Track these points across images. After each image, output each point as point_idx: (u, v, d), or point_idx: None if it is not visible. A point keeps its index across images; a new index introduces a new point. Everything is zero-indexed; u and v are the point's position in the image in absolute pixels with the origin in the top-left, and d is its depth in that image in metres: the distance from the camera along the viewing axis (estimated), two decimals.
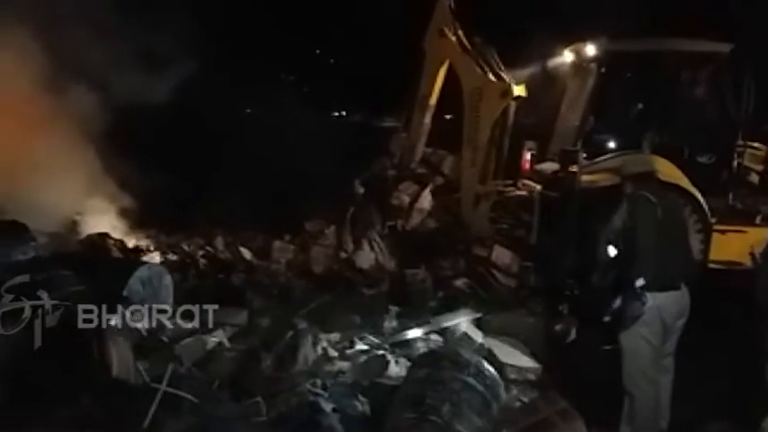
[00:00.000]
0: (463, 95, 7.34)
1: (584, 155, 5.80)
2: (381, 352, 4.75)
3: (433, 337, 5.08)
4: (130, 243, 7.34)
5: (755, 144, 6.65)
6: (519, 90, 6.86)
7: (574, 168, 5.57)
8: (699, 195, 5.88)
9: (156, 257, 6.93)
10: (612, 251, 3.81)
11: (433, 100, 8.04)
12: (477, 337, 5.00)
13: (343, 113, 20.19)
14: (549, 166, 6.59)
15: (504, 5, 13.54)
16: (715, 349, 4.70)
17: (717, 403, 4.20)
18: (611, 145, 6.39)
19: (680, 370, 3.96)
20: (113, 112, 7.82)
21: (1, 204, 6.59)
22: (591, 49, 6.52)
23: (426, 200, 7.76)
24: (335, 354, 4.76)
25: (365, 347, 4.89)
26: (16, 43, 7.02)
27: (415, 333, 5.06)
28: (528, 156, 7.11)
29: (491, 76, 7.11)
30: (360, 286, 6.44)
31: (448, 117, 7.61)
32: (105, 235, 6.98)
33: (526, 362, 4.73)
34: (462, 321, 5.17)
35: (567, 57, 6.92)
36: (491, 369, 3.77)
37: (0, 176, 6.82)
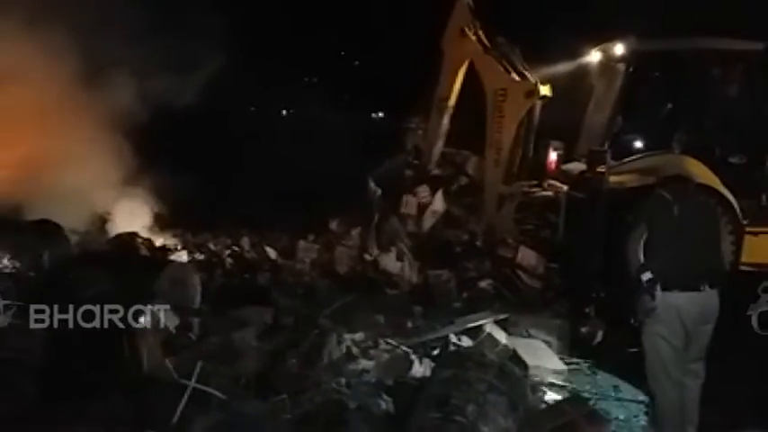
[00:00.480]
0: (486, 96, 7.31)
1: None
2: (405, 351, 4.75)
3: (456, 338, 5.07)
4: (158, 242, 7.46)
5: None
6: (545, 90, 6.81)
7: (601, 169, 5.50)
8: (730, 196, 5.77)
9: (183, 257, 7.03)
10: (635, 252, 3.79)
11: (452, 101, 8.00)
12: (502, 338, 4.97)
13: (381, 115, 20.24)
14: (576, 167, 6.54)
15: (528, 4, 13.45)
16: (746, 353, 4.62)
17: (749, 409, 4.11)
18: (640, 145, 6.31)
19: (710, 374, 3.88)
20: (141, 113, 7.96)
21: (32, 203, 6.76)
22: (619, 49, 6.45)
23: (439, 202, 7.73)
24: (359, 353, 4.77)
25: (389, 347, 4.89)
26: (48, 43, 7.18)
27: (438, 334, 5.05)
28: (554, 156, 7.04)
29: (515, 76, 7.07)
30: (383, 286, 6.46)
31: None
32: (134, 234, 7.11)
33: (552, 364, 4.68)
34: (487, 322, 5.14)
35: (595, 56, 6.85)
36: (516, 370, 3.75)
37: (29, 175, 7.00)
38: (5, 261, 5.23)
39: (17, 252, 5.30)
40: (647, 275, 3.68)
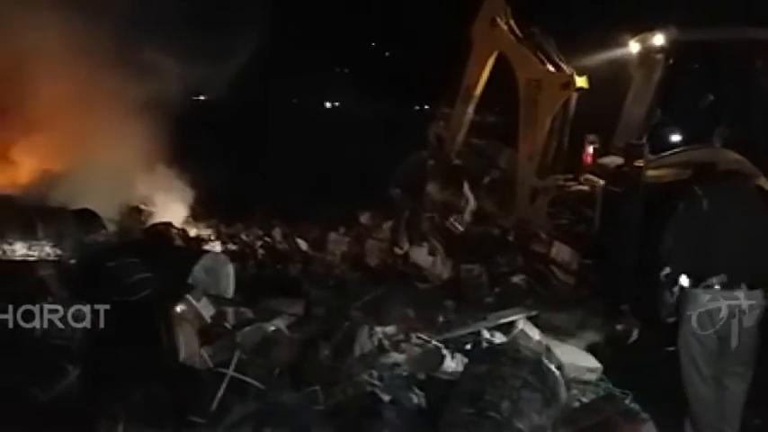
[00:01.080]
0: (519, 87, 7.20)
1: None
2: (436, 345, 4.73)
3: (488, 333, 5.03)
4: (192, 233, 7.58)
5: None
6: (581, 81, 6.69)
7: (639, 163, 5.38)
8: None
9: (216, 247, 7.14)
10: (669, 248, 3.70)
11: (478, 91, 7.90)
12: (535, 334, 4.91)
13: (425, 107, 20.08)
14: (613, 161, 6.40)
15: None
16: None
17: None
18: (679, 139, 6.15)
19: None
20: (177, 104, 8.07)
21: (69, 194, 6.92)
22: (658, 39, 6.28)
23: (471, 197, 7.67)
24: (391, 346, 4.78)
25: (420, 341, 4.88)
26: (82, 32, 7.31)
27: (470, 329, 5.02)
28: (590, 149, 6.91)
29: (550, 67, 6.95)
30: (414, 280, 6.45)
31: None
32: (169, 224, 7.23)
33: (586, 361, 4.62)
34: (520, 318, 5.09)
35: (633, 47, 6.68)
36: (551, 367, 3.71)
37: (67, 166, 7.17)
38: (48, 249, 5.38)
39: (59, 240, 5.44)
40: (665, 271, 3.62)
